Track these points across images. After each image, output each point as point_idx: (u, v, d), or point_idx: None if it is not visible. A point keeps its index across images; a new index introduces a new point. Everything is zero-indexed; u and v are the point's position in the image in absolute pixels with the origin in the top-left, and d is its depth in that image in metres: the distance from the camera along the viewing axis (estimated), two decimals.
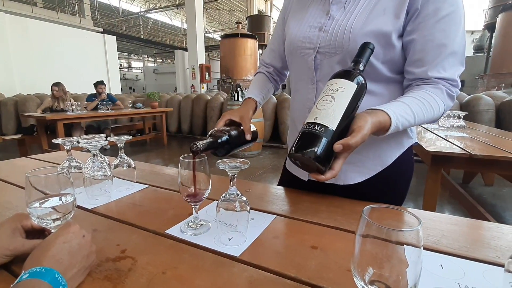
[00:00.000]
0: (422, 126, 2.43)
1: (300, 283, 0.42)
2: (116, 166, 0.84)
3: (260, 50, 12.49)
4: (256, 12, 14.95)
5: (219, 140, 0.61)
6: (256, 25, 13.05)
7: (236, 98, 4.64)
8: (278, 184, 0.91)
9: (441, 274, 0.45)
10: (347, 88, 0.53)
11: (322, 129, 0.49)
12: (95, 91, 4.90)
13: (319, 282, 0.42)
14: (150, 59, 26.20)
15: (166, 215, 0.65)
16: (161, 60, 26.61)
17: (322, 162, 0.49)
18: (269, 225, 0.61)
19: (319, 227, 0.61)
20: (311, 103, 0.75)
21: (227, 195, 0.53)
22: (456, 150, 1.47)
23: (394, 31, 0.63)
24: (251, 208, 0.68)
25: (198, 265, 0.46)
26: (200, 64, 11.06)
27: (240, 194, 0.54)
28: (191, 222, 0.59)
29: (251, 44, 11.17)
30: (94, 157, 0.75)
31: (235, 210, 0.53)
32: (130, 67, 27.13)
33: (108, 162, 0.79)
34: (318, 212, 0.68)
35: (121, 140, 0.79)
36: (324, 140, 0.49)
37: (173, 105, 6.43)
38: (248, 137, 0.71)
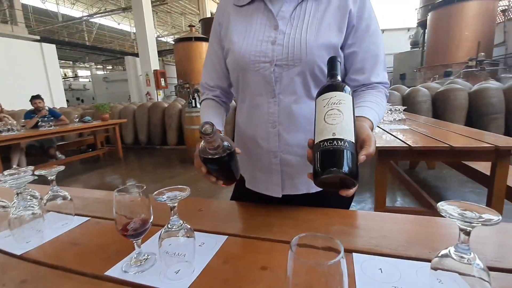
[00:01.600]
0: None
1: None
2: (49, 200, 0.75)
3: None
4: (209, 15, 14.78)
5: (228, 151, 0.57)
6: (210, 28, 12.88)
7: (194, 105, 4.53)
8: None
9: (380, 278, 0.47)
10: (347, 100, 0.53)
11: (346, 143, 0.49)
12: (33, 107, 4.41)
13: None
14: (98, 66, 24.41)
15: (108, 252, 0.60)
16: (111, 67, 24.97)
17: (355, 176, 0.48)
18: (220, 248, 0.59)
19: (271, 244, 0.61)
20: (274, 117, 0.75)
21: (169, 226, 0.50)
22: (398, 144, 1.60)
23: (339, 43, 0.71)
24: (202, 231, 0.66)
25: None
26: (154, 70, 10.62)
27: (182, 223, 0.51)
28: (134, 258, 0.55)
29: (206, 48, 11.02)
30: (18, 195, 0.67)
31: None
32: (76, 76, 25.02)
33: (39, 197, 0.71)
34: (271, 226, 0.68)
35: (51, 173, 0.71)
36: (350, 154, 0.48)
37: (127, 116, 6.07)
38: (238, 150, 0.66)
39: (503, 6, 10.74)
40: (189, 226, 0.52)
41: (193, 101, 4.51)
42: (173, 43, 12.50)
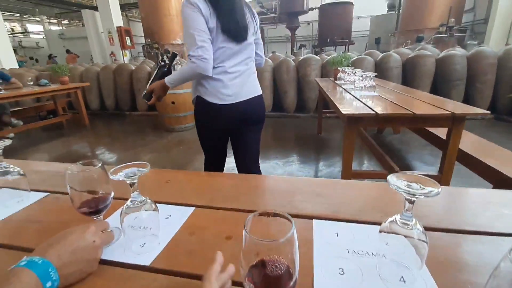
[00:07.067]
0: (342, 87, 2.63)
1: None
2: None
3: None
4: None
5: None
6: None
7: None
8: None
9: (336, 242, 0.51)
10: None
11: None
12: None
13: None
14: (52, 20, 21.56)
15: None
16: (67, 22, 22.20)
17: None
18: (187, 219, 0.60)
19: (238, 214, 0.62)
20: None
21: (129, 203, 0.49)
22: (366, 111, 1.65)
23: None
24: (170, 203, 0.65)
25: (102, 286, 0.43)
26: (117, 27, 9.66)
27: (144, 199, 0.50)
28: None
29: (175, 3, 10.05)
30: None
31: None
32: (26, 32, 22.07)
33: None
34: (239, 195, 0.69)
35: None
36: None
37: (89, 79, 5.59)
38: None
39: None
40: (150, 201, 0.51)
41: (163, 63, 4.22)
42: None
